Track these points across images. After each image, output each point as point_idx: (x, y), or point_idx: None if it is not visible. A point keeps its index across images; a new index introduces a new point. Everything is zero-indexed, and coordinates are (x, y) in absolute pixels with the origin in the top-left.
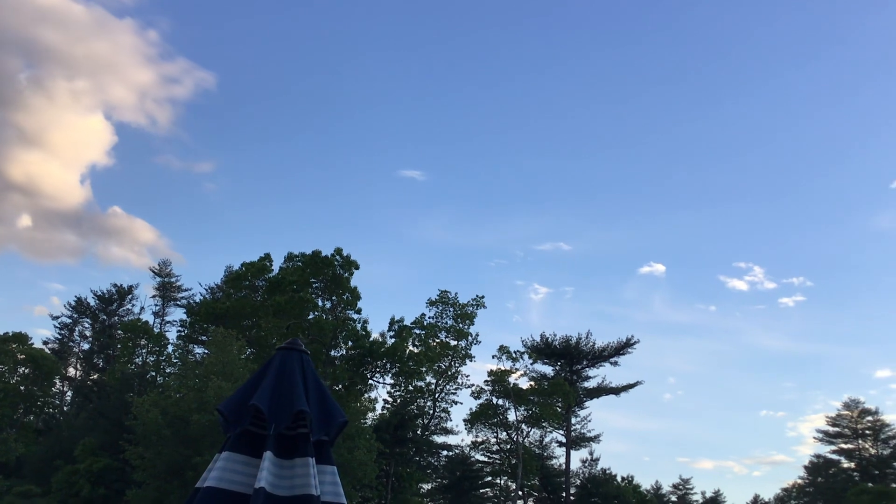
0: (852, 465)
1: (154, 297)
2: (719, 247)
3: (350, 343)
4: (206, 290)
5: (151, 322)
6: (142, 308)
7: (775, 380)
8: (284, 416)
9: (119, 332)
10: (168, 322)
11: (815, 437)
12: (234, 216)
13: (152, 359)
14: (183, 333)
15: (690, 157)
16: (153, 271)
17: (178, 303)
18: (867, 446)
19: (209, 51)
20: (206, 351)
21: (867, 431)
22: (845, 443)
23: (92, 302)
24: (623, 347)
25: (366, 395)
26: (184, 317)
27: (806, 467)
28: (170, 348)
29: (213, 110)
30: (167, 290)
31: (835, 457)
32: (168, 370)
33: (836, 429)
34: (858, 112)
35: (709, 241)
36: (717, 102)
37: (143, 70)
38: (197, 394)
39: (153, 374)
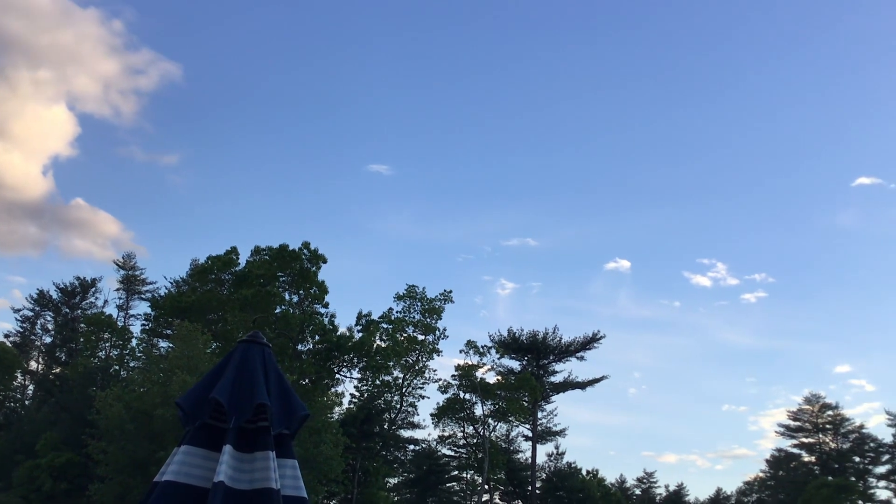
0: (813, 458)
1: (118, 290)
2: (683, 243)
3: (317, 337)
4: (171, 283)
5: (115, 316)
6: (105, 301)
7: (737, 375)
8: (245, 410)
9: (82, 325)
10: (132, 316)
11: (776, 432)
12: (200, 209)
13: (116, 353)
14: (147, 327)
15: (656, 154)
16: (117, 264)
17: (143, 296)
18: (827, 440)
19: (175, 42)
20: (171, 345)
21: (827, 426)
22: (806, 437)
23: (54, 295)
24: (589, 342)
25: (333, 390)
26: (148, 310)
27: (767, 461)
28: (134, 342)
29: (178, 102)
30: (131, 283)
31: (796, 451)
32: (132, 364)
33: (798, 423)
34: (822, 111)
35: (673, 238)
36: (683, 101)
37: (108, 60)
38: (161, 388)
39: (116, 368)
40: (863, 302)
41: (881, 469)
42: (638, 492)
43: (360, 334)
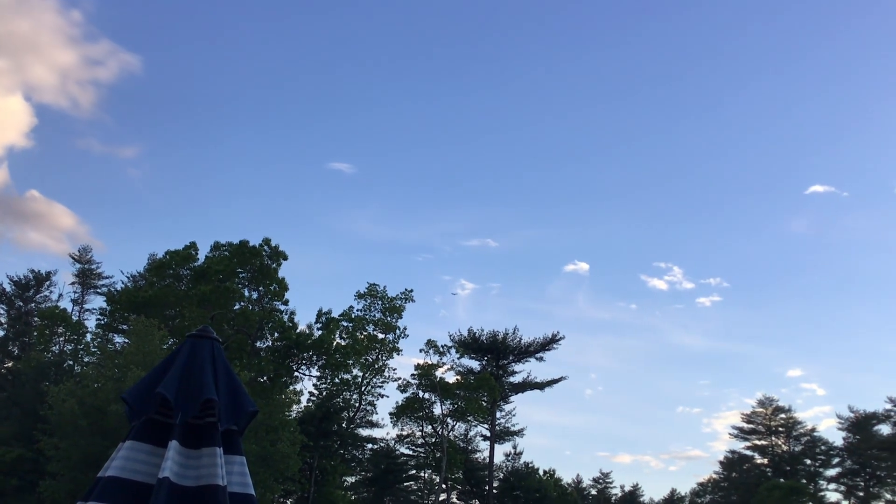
0: (765, 460)
1: (73, 284)
2: (641, 247)
3: (276, 334)
4: (128, 277)
5: (70, 310)
6: (60, 295)
7: (692, 377)
8: (192, 405)
9: (35, 319)
10: (87, 310)
11: (730, 434)
12: (159, 203)
13: (70, 347)
14: (102, 322)
15: (616, 158)
16: (73, 257)
17: (99, 290)
18: (780, 443)
19: (135, 33)
20: (127, 340)
21: (780, 428)
22: (759, 439)
23: (7, 288)
24: (549, 343)
25: (291, 388)
26: (104, 305)
27: (721, 462)
28: (88, 337)
29: (138, 95)
30: (87, 277)
31: (748, 453)
32: (86, 359)
33: (751, 425)
34: (777, 120)
35: (631, 241)
36: (643, 107)
37: (66, 51)
38: (115, 384)
39: (70, 363)
40: (815, 307)
41: (831, 472)
42: (594, 492)
43: (320, 332)
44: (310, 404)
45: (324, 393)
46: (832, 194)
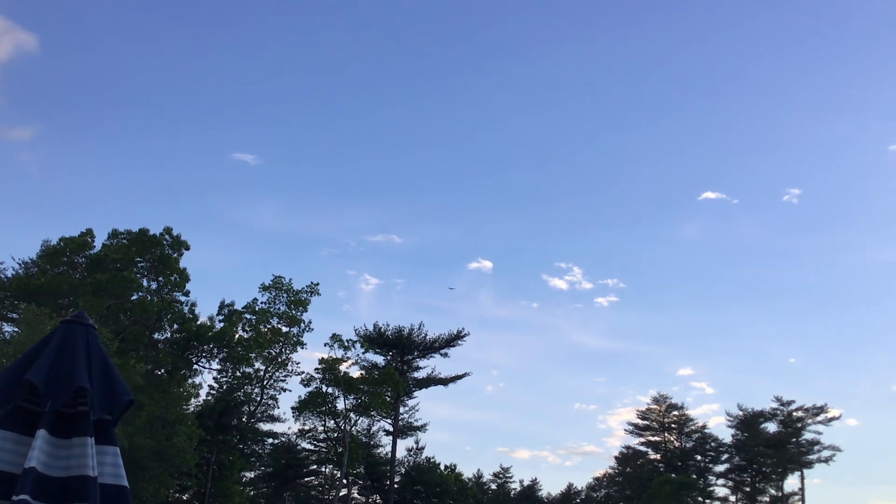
0: (658, 456)
1: None
2: (543, 246)
3: (176, 326)
4: (20, 264)
5: None
6: None
7: (589, 375)
8: (62, 393)
9: None
10: None
11: (625, 430)
12: (54, 188)
13: None
14: None
15: (520, 158)
16: None
17: None
18: (672, 439)
19: (30, 11)
20: (17, 330)
21: (673, 425)
22: (652, 435)
23: None
24: (454, 339)
25: (190, 381)
26: None
27: (616, 458)
28: None
29: (33, 75)
30: None
31: (642, 448)
32: None
33: (645, 422)
34: (671, 128)
35: (533, 241)
36: (544, 108)
37: None
38: None
39: None
40: (705, 309)
41: (720, 468)
42: (494, 486)
43: (222, 324)
44: (209, 398)
45: (224, 386)
46: (723, 201)
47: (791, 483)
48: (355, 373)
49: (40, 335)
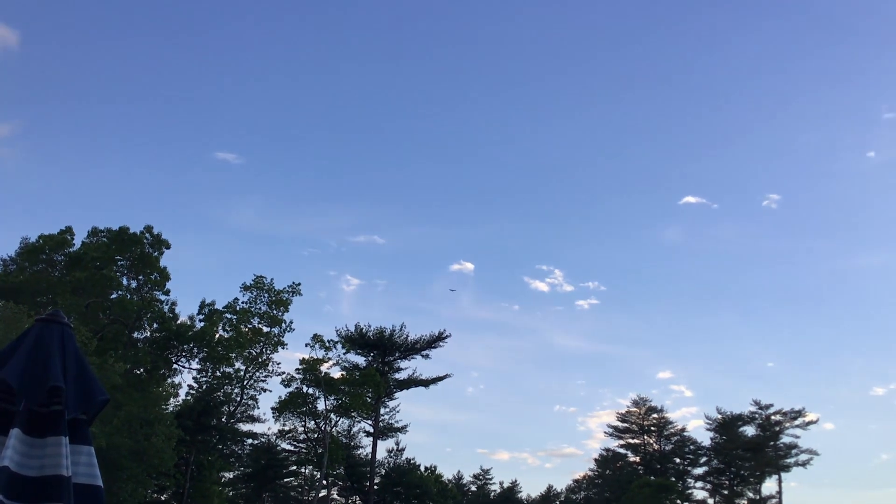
0: (637, 459)
1: None
2: (525, 249)
3: (155, 325)
4: None
5: None
6: None
7: (569, 377)
8: (37, 392)
9: None
10: None
11: (604, 432)
12: (33, 184)
13: None
14: None
15: (502, 161)
16: None
17: None
18: (651, 441)
19: (10, 6)
20: None
21: (652, 428)
22: (632, 438)
23: None
24: (435, 341)
25: (169, 380)
26: None
27: (596, 460)
28: None
29: (13, 70)
30: None
31: (622, 451)
32: None
33: (625, 424)
34: (653, 132)
35: (515, 243)
36: (528, 115)
37: None
38: None
39: None
40: (684, 313)
41: (699, 470)
42: (474, 488)
43: (202, 324)
44: (188, 398)
45: (204, 386)
46: (703, 205)
47: (769, 486)
48: (336, 373)
49: (18, 333)
